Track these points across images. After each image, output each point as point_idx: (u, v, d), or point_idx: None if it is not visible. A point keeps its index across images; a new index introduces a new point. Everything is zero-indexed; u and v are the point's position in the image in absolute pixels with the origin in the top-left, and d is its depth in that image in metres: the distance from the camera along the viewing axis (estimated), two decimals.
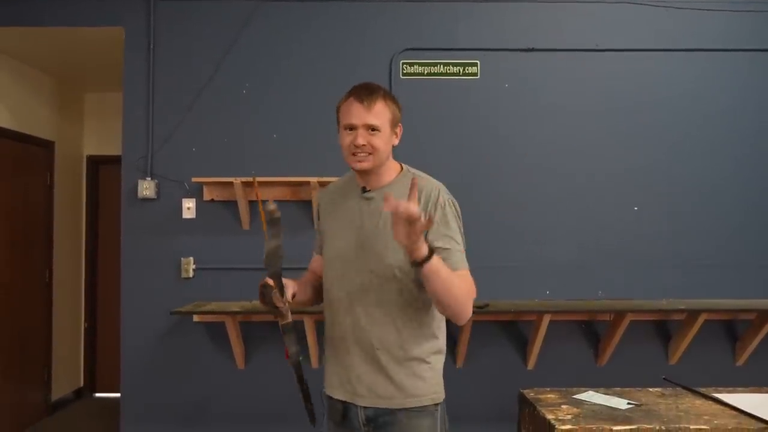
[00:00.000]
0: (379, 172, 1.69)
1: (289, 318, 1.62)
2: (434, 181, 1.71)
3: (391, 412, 1.64)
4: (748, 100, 3.54)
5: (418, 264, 1.45)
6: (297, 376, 1.71)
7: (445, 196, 1.67)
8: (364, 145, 1.62)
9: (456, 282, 1.53)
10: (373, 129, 1.63)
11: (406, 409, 1.64)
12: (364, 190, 1.71)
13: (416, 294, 1.63)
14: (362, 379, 1.65)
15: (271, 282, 1.59)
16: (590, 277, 3.46)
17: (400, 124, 1.71)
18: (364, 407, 1.65)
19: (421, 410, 1.65)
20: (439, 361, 1.70)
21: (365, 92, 1.66)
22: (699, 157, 3.51)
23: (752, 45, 3.53)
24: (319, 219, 1.84)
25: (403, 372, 1.64)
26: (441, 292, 1.51)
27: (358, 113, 1.63)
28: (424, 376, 1.66)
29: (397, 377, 1.63)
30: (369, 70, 3.44)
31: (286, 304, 1.61)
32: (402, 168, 1.75)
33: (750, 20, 3.54)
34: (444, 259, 1.54)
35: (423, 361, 1.66)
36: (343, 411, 1.69)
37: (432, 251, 1.45)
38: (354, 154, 1.64)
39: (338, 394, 1.70)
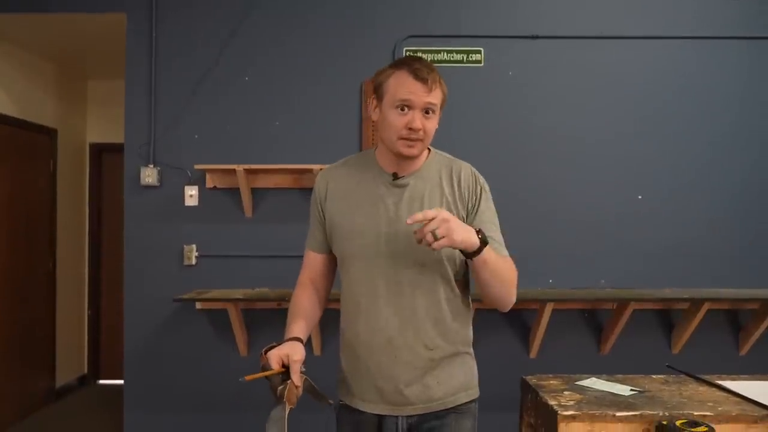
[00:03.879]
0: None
1: (301, 393, 1.42)
2: (466, 162, 1.64)
3: (440, 415, 1.54)
4: (756, 89, 3.50)
5: (472, 255, 1.38)
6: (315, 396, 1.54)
7: (481, 179, 1.61)
8: (420, 129, 1.47)
9: (505, 267, 1.48)
10: (429, 111, 1.49)
11: (455, 411, 1.56)
12: (395, 176, 1.55)
13: (462, 279, 1.58)
14: (414, 386, 1.51)
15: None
16: (593, 265, 3.45)
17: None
18: (408, 415, 1.52)
19: (467, 409, 1.58)
20: (473, 354, 1.65)
21: (426, 69, 1.47)
22: (704, 146, 3.49)
23: (761, 33, 3.49)
24: (321, 208, 1.62)
25: (455, 366, 1.56)
26: (492, 280, 1.46)
27: (417, 92, 1.45)
28: (471, 366, 1.62)
29: (451, 373, 1.55)
30: (372, 57, 3.42)
31: (294, 391, 1.39)
32: (429, 149, 1.62)
33: (759, 7, 3.49)
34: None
35: (468, 350, 1.61)
36: (378, 424, 1.55)
37: (483, 242, 1.38)
38: (406, 138, 1.48)
39: (376, 409, 1.54)
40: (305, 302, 1.60)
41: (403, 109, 1.47)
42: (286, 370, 1.38)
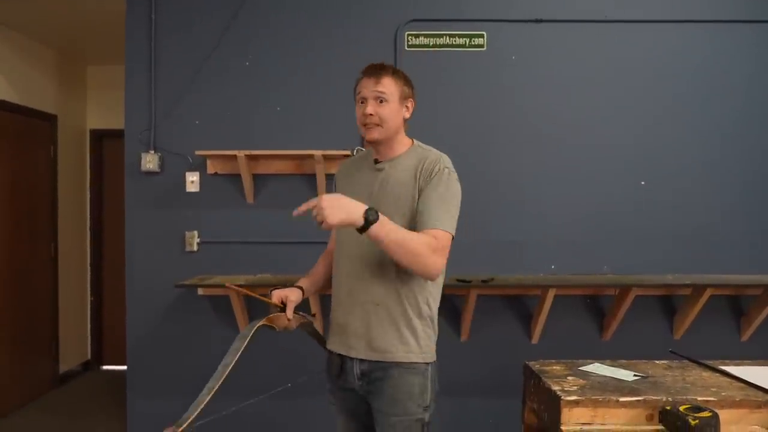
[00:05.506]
0: (391, 144, 1.83)
1: (294, 326, 1.86)
2: (440, 153, 1.84)
3: (384, 367, 1.76)
4: (760, 74, 3.47)
5: (360, 231, 1.59)
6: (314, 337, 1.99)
7: (443, 164, 1.79)
8: (371, 114, 1.77)
9: (409, 241, 1.64)
10: (381, 100, 1.78)
11: (397, 365, 1.76)
12: (376, 162, 1.86)
13: None
14: (360, 334, 1.79)
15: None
16: (596, 251, 3.43)
17: (411, 99, 1.86)
18: (360, 360, 1.79)
19: (412, 367, 1.77)
20: (430, 325, 1.82)
21: (374, 68, 1.82)
22: (708, 132, 3.46)
23: (767, 17, 3.45)
24: (336, 190, 1.94)
25: (398, 330, 1.77)
26: (392, 252, 1.64)
27: (367, 86, 1.80)
28: (417, 336, 1.78)
29: (393, 334, 1.77)
30: (374, 42, 3.39)
31: (285, 323, 1.82)
32: (413, 143, 1.89)
33: None
34: (421, 219, 1.72)
35: (417, 322, 1.78)
36: (341, 364, 1.84)
37: (368, 222, 1.57)
38: (365, 125, 1.80)
39: (336, 348, 1.85)
40: (319, 266, 2.03)
41: (362, 102, 1.81)
42: (284, 306, 1.80)
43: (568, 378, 1.76)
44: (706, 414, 1.45)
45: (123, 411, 3.57)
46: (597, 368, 1.85)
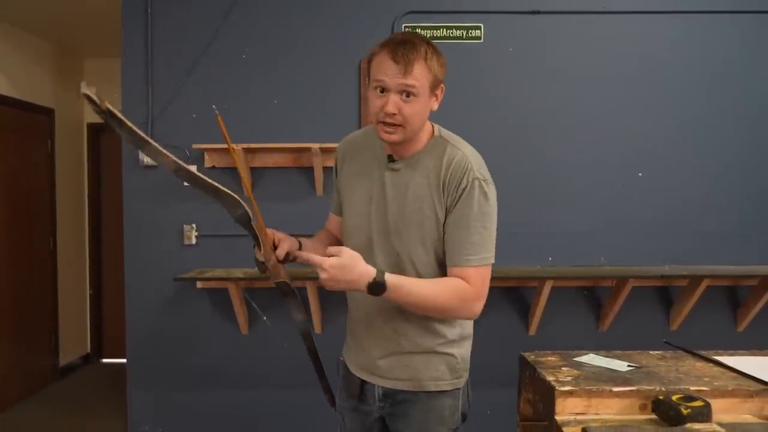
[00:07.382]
0: (410, 141, 1.49)
1: (282, 277, 1.53)
2: (468, 151, 1.51)
3: (411, 392, 1.58)
4: (758, 65, 3.47)
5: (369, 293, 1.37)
6: (308, 349, 1.67)
7: (474, 173, 1.46)
8: (395, 114, 1.39)
9: (433, 300, 1.42)
10: (408, 94, 1.39)
11: (427, 391, 1.58)
12: (390, 158, 1.52)
13: (441, 276, 1.54)
14: (381, 364, 1.58)
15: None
16: (593, 243, 3.45)
17: (442, 86, 1.48)
18: (382, 386, 1.60)
19: (443, 392, 1.59)
20: (463, 346, 1.63)
21: (404, 50, 1.36)
22: (705, 123, 3.46)
23: (765, 7, 3.44)
24: (337, 175, 1.66)
25: (426, 358, 1.57)
26: (411, 308, 1.44)
27: (391, 73, 1.37)
28: (449, 362, 1.59)
29: (419, 363, 1.56)
30: (371, 34, 3.37)
31: (272, 260, 1.52)
32: (434, 131, 1.54)
33: None
34: (450, 251, 1.46)
35: (448, 347, 1.59)
36: (361, 386, 1.63)
37: (375, 281, 1.35)
38: (382, 123, 1.41)
39: (356, 370, 1.64)
40: (323, 233, 1.76)
41: (382, 91, 1.40)
42: (275, 248, 1.57)
43: (563, 369, 1.76)
44: (698, 403, 1.46)
45: (123, 404, 3.59)
46: (592, 359, 1.86)
